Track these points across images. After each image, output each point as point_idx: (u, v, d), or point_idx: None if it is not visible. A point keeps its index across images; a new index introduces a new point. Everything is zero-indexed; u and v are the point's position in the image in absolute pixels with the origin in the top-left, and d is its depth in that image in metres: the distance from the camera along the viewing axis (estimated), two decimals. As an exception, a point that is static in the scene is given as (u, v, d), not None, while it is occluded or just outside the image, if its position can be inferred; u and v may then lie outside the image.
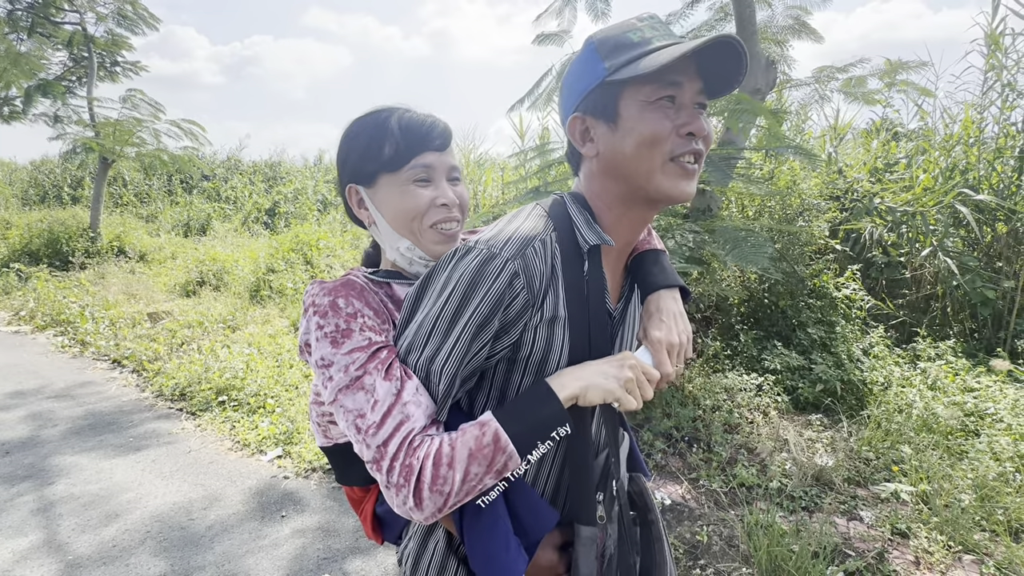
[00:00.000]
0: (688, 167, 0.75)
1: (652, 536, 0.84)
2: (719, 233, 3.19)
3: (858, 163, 5.22)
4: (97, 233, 8.26)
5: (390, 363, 0.72)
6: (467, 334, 0.70)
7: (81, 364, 4.60)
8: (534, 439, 0.70)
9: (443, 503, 0.67)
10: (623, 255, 0.86)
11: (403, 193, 0.85)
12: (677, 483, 2.82)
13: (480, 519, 0.73)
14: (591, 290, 0.77)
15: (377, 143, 0.85)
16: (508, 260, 0.70)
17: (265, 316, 5.50)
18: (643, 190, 0.76)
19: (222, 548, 2.31)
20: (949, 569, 2.15)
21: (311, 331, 0.76)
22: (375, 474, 0.70)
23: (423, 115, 0.88)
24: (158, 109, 8.43)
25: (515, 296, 0.70)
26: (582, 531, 0.75)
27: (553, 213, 0.79)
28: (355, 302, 0.76)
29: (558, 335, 0.75)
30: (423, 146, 0.85)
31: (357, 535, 2.43)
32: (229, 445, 3.26)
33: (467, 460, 0.67)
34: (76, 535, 2.37)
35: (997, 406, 3.10)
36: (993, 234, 4.44)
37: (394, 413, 0.68)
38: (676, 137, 0.73)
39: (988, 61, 4.51)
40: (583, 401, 0.71)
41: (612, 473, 0.78)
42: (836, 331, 4.02)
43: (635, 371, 0.72)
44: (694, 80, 0.73)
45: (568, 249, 0.76)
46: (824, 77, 4.19)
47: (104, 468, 2.94)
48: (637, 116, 0.73)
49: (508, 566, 0.72)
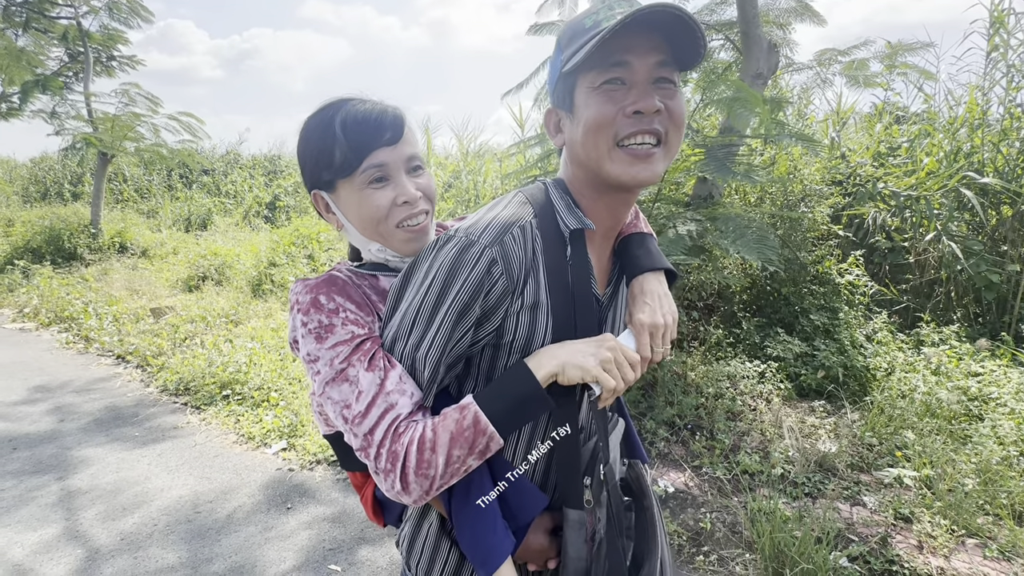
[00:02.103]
0: (638, 151, 0.71)
1: (646, 522, 0.84)
2: (721, 222, 3.17)
3: (861, 147, 5.16)
4: (99, 229, 8.27)
5: (372, 354, 0.73)
6: (448, 321, 0.70)
7: (86, 360, 4.63)
8: (514, 419, 0.71)
9: (429, 486, 0.69)
10: (608, 239, 0.85)
11: (361, 198, 0.82)
12: (680, 471, 2.83)
13: (468, 502, 0.75)
14: (575, 275, 0.77)
15: (327, 149, 0.81)
16: (486, 247, 0.70)
17: (267, 310, 5.51)
18: (599, 177, 0.75)
19: (230, 540, 2.33)
20: (952, 553, 2.16)
21: (297, 328, 0.78)
22: (364, 461, 0.72)
23: (369, 108, 0.82)
24: (155, 102, 8.38)
25: (494, 283, 0.71)
26: (570, 514, 0.76)
27: (534, 199, 0.79)
28: (336, 298, 0.77)
29: (541, 320, 0.75)
30: (372, 144, 0.80)
31: (363, 526, 2.45)
32: (234, 438, 3.28)
33: (449, 444, 0.68)
34: (89, 527, 2.39)
35: (1001, 390, 3.09)
36: (998, 218, 4.40)
37: (378, 402, 0.70)
38: (623, 119, 0.70)
39: (991, 42, 4.44)
40: (562, 379, 0.72)
41: (600, 458, 0.79)
42: (839, 317, 4.01)
43: (614, 351, 0.72)
44: (648, 55, 0.69)
45: (549, 234, 0.76)
46: (826, 60, 4.13)
47: (111, 463, 2.96)
48: (584, 103, 0.72)
49: (495, 547, 0.73)
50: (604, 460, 0.77)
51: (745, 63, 3.70)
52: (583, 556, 0.76)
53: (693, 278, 4.07)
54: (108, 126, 7.98)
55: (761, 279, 4.38)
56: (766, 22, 3.94)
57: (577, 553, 0.75)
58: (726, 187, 4.29)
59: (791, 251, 4.23)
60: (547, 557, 0.81)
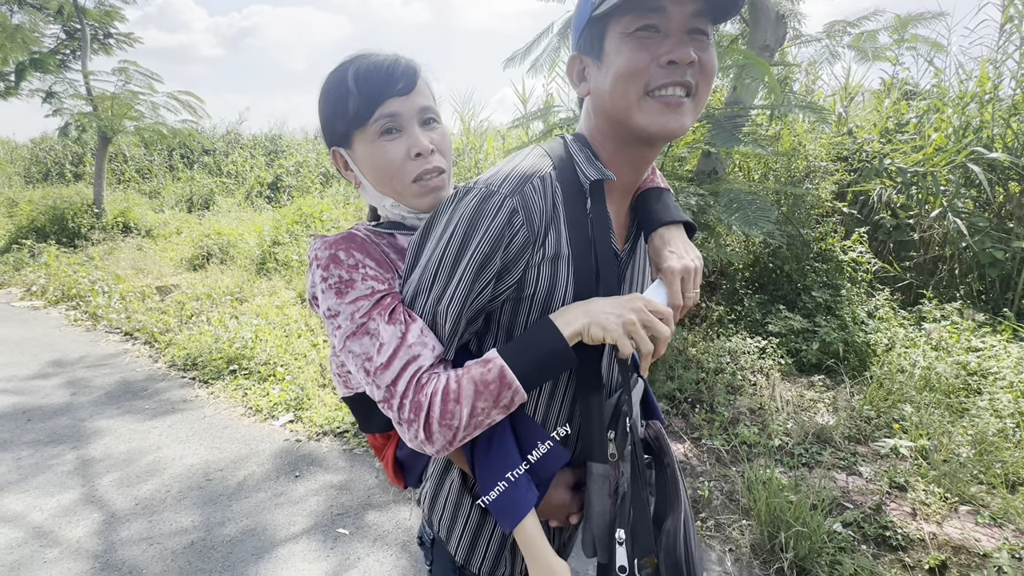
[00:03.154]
0: (670, 100, 0.70)
1: (667, 479, 0.84)
2: (723, 195, 3.16)
3: (868, 124, 5.09)
4: (102, 209, 8.28)
5: (393, 308, 0.73)
6: (470, 273, 0.70)
7: (94, 337, 4.70)
8: (539, 374, 0.71)
9: (452, 436, 0.69)
10: (627, 194, 0.84)
11: (374, 150, 0.82)
12: (680, 442, 2.88)
13: (490, 454, 0.75)
14: (595, 228, 0.76)
15: (341, 101, 0.81)
16: (506, 197, 0.70)
17: (272, 288, 5.55)
18: (626, 128, 0.73)
19: (241, 505, 2.40)
20: (944, 519, 2.21)
21: (316, 284, 0.78)
22: (387, 412, 0.72)
23: (382, 58, 0.81)
24: (154, 79, 8.29)
25: (515, 233, 0.70)
26: (594, 468, 0.76)
27: (553, 152, 0.78)
28: (356, 254, 0.77)
29: (562, 273, 0.74)
30: (383, 93, 0.79)
31: (370, 492, 2.52)
32: (242, 411, 3.35)
33: (473, 396, 0.68)
34: (105, 493, 2.47)
35: (1001, 364, 3.11)
36: (1005, 194, 4.36)
37: (400, 354, 0.70)
38: (656, 68, 0.68)
39: (1005, 13, 4.33)
40: (586, 338, 0.71)
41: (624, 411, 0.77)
42: (841, 294, 4.02)
43: (639, 314, 0.70)
44: (685, 3, 0.68)
45: (569, 186, 0.75)
46: (835, 32, 4.05)
47: (124, 434, 3.04)
48: (615, 50, 0.70)
49: (517, 500, 0.73)
50: (628, 413, 0.76)
51: (752, 34, 3.63)
52: (607, 510, 0.75)
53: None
54: (107, 105, 7.92)
55: (764, 256, 4.38)
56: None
57: (602, 507, 0.75)
58: (730, 163, 4.26)
59: (794, 228, 4.22)
60: (568, 512, 0.81)
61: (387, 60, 0.81)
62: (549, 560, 0.75)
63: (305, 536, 2.22)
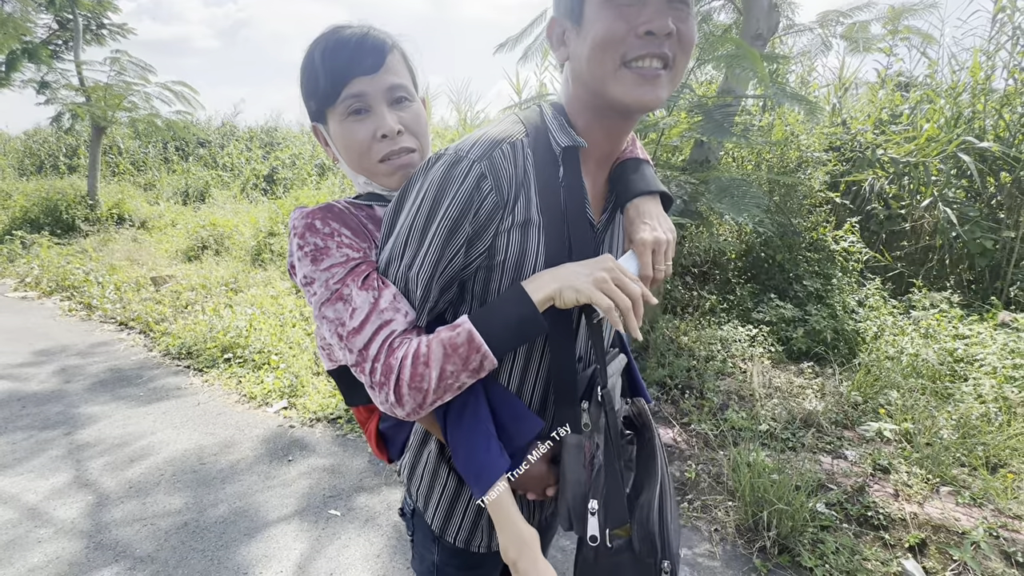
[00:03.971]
0: (646, 72, 0.69)
1: (647, 453, 0.84)
2: (713, 183, 3.18)
3: (862, 115, 5.11)
4: (96, 201, 8.25)
5: (367, 275, 0.75)
6: (439, 239, 0.70)
7: (89, 327, 4.70)
8: (508, 340, 0.71)
9: (423, 399, 0.70)
10: (604, 164, 0.83)
11: (342, 130, 0.81)
12: (669, 427, 2.91)
13: (462, 421, 0.76)
14: (568, 196, 0.76)
15: (312, 80, 0.80)
16: (474, 162, 0.70)
17: (267, 278, 5.56)
18: (601, 97, 0.72)
19: (233, 488, 2.43)
20: (926, 500, 2.25)
21: (293, 252, 0.79)
22: (360, 376, 0.73)
23: (349, 34, 0.78)
24: (147, 70, 8.24)
25: (484, 198, 0.70)
26: (568, 438, 0.76)
27: (527, 120, 0.78)
28: (332, 223, 0.78)
29: (532, 238, 0.74)
30: (349, 72, 0.78)
31: (361, 475, 2.55)
32: (236, 398, 3.37)
33: (442, 359, 0.69)
34: (98, 476, 2.49)
35: (986, 351, 3.15)
36: (996, 184, 4.39)
37: (372, 319, 0.71)
38: (633, 38, 0.67)
39: (998, 3, 4.34)
40: (558, 302, 0.71)
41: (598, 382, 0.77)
42: (832, 283, 4.05)
43: (611, 272, 0.70)
44: None
45: (542, 153, 0.75)
46: (828, 21, 4.05)
47: (117, 419, 3.05)
48: (594, 16, 0.69)
49: (489, 465, 0.74)
50: (602, 384, 0.76)
51: (745, 23, 3.64)
52: (582, 480, 0.74)
53: (688, 245, 4.09)
54: (100, 95, 7.87)
55: (756, 246, 4.41)
56: (767, -19, 3.85)
57: (576, 477, 0.74)
58: (723, 153, 4.27)
59: (786, 217, 4.24)
60: (545, 484, 0.81)
61: (354, 35, 0.79)
62: (519, 527, 0.75)
63: (296, 517, 2.25)
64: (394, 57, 0.81)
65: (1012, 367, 2.95)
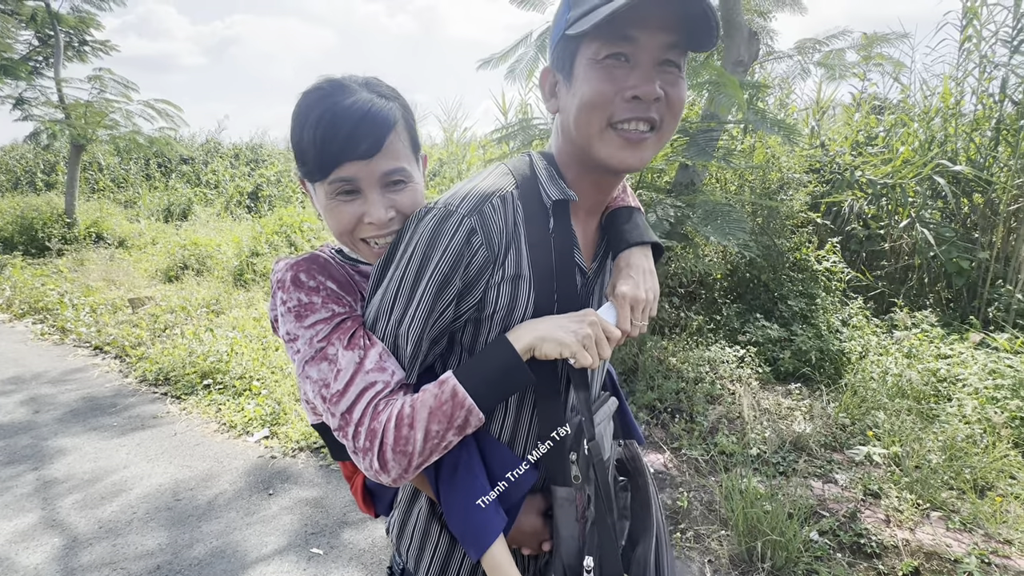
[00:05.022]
0: (631, 135, 0.69)
1: (641, 501, 0.83)
2: (699, 207, 3.21)
3: (840, 137, 5.25)
4: (73, 219, 8.06)
5: (353, 332, 0.72)
6: (429, 294, 0.69)
7: (61, 351, 4.54)
8: (493, 391, 0.69)
9: (408, 463, 0.67)
10: (594, 213, 0.83)
11: (328, 207, 0.77)
12: (660, 452, 2.88)
13: (455, 480, 0.73)
14: (558, 247, 0.75)
15: (301, 146, 0.74)
16: (464, 217, 0.69)
17: (249, 299, 5.45)
18: (587, 155, 0.73)
19: (211, 525, 2.33)
20: (917, 526, 2.24)
21: (277, 307, 0.76)
22: (343, 441, 0.70)
23: (349, 109, 0.72)
24: (129, 88, 8.15)
25: (474, 253, 0.69)
26: (559, 492, 0.75)
27: (517, 170, 0.78)
28: (317, 275, 0.75)
29: (522, 292, 0.74)
30: (341, 156, 0.72)
31: (345, 510, 2.46)
32: (215, 427, 3.26)
33: (427, 419, 0.67)
34: (67, 516, 2.37)
35: (968, 371, 3.20)
36: (970, 205, 4.52)
37: (357, 381, 0.68)
38: (620, 101, 0.67)
39: (964, 33, 4.52)
40: (539, 353, 0.70)
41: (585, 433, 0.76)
42: (816, 303, 4.10)
43: (594, 328, 0.70)
44: (657, 34, 0.66)
45: (532, 205, 0.75)
46: (806, 49, 4.18)
47: (88, 452, 2.92)
48: (583, 76, 0.69)
49: (485, 524, 0.71)
50: (589, 436, 0.75)
51: (726, 50, 3.72)
52: (575, 535, 0.73)
53: (675, 266, 4.12)
54: (80, 112, 7.75)
55: (741, 266, 4.45)
56: (747, 10, 3.97)
57: (569, 532, 0.73)
58: (707, 175, 4.33)
59: (770, 238, 4.30)
60: (541, 539, 0.79)
61: (355, 113, 0.72)
62: None
63: (277, 557, 2.15)
64: (395, 136, 0.75)
65: (993, 388, 2.99)
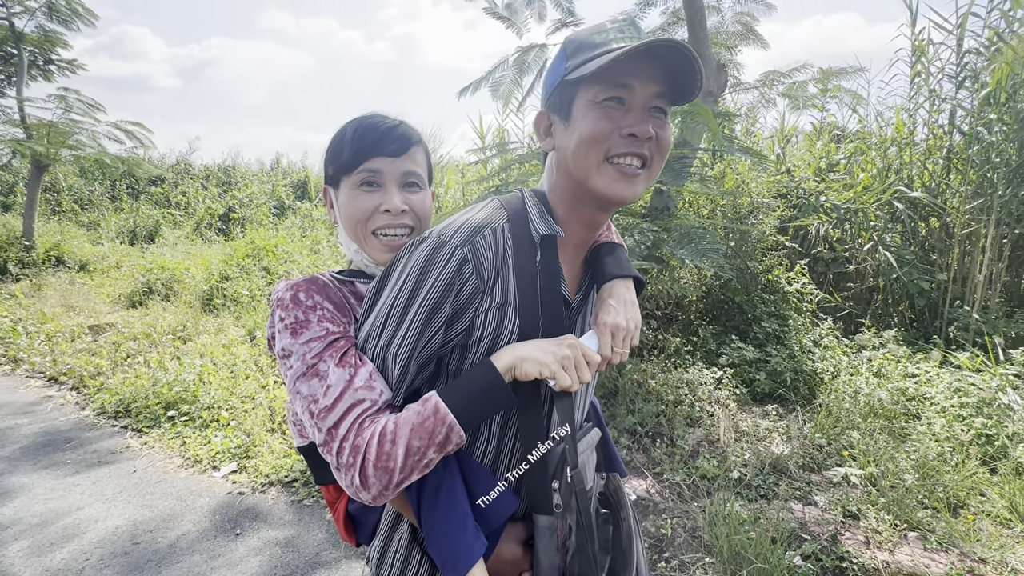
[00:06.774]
0: (626, 169, 0.75)
1: (622, 534, 0.85)
2: (674, 231, 3.28)
3: (804, 163, 5.48)
4: (32, 242, 7.71)
5: (345, 351, 0.75)
6: (419, 319, 0.72)
7: (12, 383, 4.27)
8: (474, 410, 0.72)
9: (388, 480, 0.68)
10: (581, 248, 0.88)
11: (351, 197, 0.89)
12: (642, 478, 2.86)
13: (437, 503, 0.73)
14: (544, 279, 0.79)
15: (338, 148, 0.90)
16: (457, 247, 0.73)
17: (219, 325, 5.26)
18: (583, 187, 0.78)
19: (171, 572, 2.17)
20: (896, 547, 2.26)
21: (275, 324, 0.80)
22: (327, 457, 0.71)
23: (384, 120, 0.90)
24: (96, 108, 7.94)
25: (464, 282, 0.73)
26: (540, 520, 0.76)
27: (509, 205, 0.83)
28: (315, 296, 0.80)
29: (508, 319, 0.77)
30: (373, 151, 0.87)
31: (318, 549, 2.34)
32: (179, 462, 3.09)
33: (409, 435, 0.69)
34: (11, 565, 2.18)
35: (934, 390, 3.30)
36: (927, 229, 4.75)
37: (345, 397, 0.71)
38: (617, 137, 0.74)
39: (914, 69, 4.83)
40: (519, 373, 0.73)
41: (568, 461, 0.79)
42: (789, 324, 4.20)
43: (573, 350, 0.74)
44: (649, 84, 0.74)
45: (521, 239, 0.79)
46: (770, 81, 4.38)
47: (38, 493, 2.72)
48: (582, 115, 0.76)
49: (465, 548, 0.71)
50: (572, 464, 0.77)
51: (696, 82, 3.87)
52: (556, 564, 0.75)
53: (651, 288, 4.17)
54: (43, 132, 7.50)
55: (715, 288, 4.54)
56: (715, 44, 4.15)
57: (550, 561, 0.75)
58: (680, 200, 4.44)
59: (742, 261, 4.42)
60: (521, 569, 0.80)
61: (387, 123, 0.89)
62: None
63: (244, 603, 2.02)
64: (418, 149, 0.92)
65: (959, 406, 3.09)
